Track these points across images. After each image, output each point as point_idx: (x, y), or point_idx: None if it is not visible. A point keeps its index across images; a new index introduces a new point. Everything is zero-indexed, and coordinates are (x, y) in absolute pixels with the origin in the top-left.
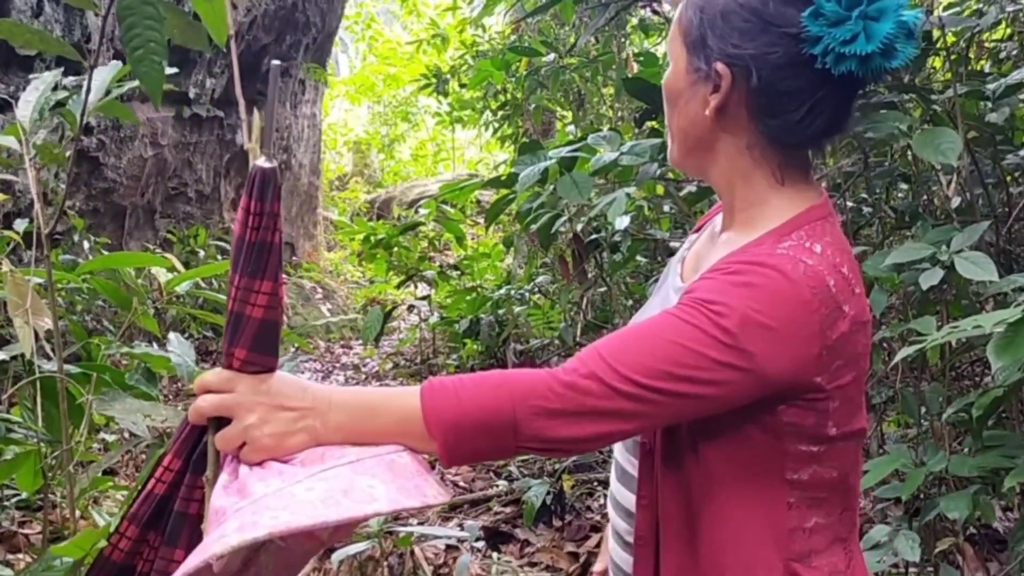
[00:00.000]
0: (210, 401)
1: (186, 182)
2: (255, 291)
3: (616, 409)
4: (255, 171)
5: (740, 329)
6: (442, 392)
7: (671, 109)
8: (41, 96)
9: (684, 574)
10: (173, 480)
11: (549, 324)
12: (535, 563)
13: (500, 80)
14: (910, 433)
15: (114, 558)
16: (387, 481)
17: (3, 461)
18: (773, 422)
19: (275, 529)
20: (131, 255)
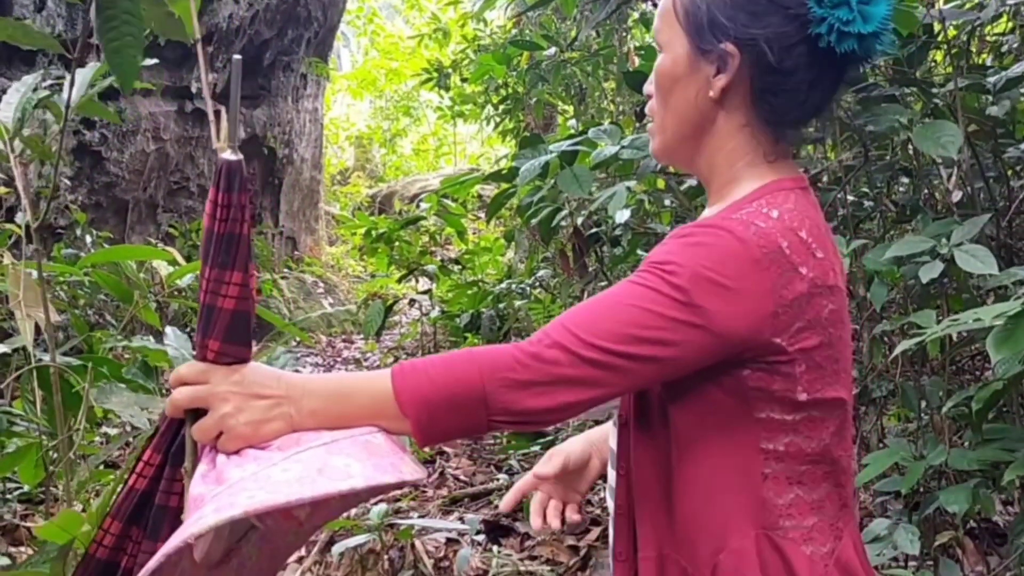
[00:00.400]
0: (185, 393)
1: (188, 176)
2: (226, 282)
3: (582, 376)
4: (221, 164)
5: (691, 285)
6: (412, 372)
7: (666, 96)
8: (22, 97)
9: (660, 542)
10: (153, 474)
11: (550, 318)
12: (535, 556)
13: (501, 74)
14: (910, 427)
15: (99, 555)
16: (362, 459)
17: (4, 454)
18: (739, 386)
19: (250, 507)
20: (132, 248)
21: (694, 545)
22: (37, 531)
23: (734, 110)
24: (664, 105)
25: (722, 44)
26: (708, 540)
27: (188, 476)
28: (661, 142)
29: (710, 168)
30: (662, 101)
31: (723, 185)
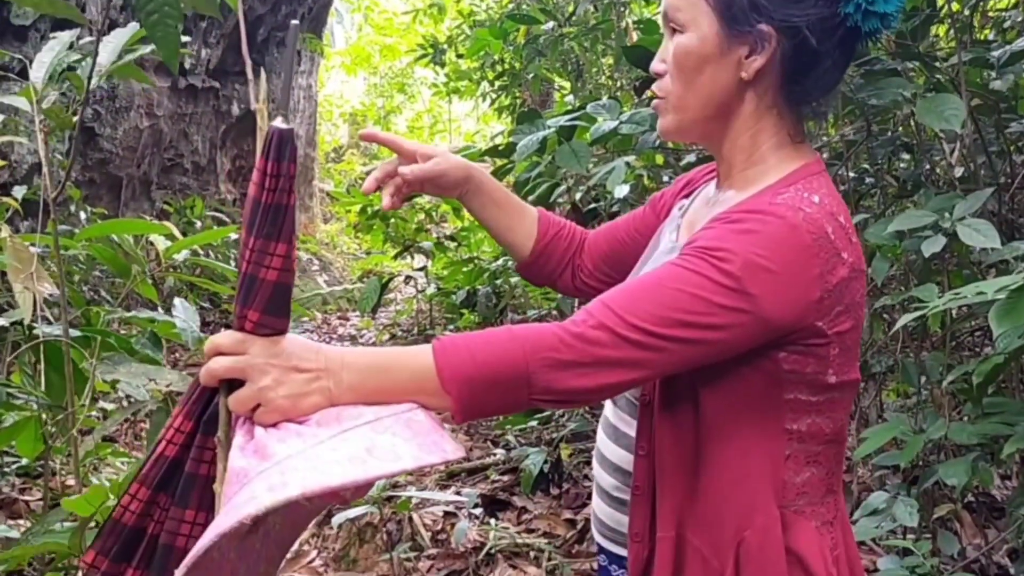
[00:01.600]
0: (223, 363)
1: (182, 153)
2: (270, 253)
3: (626, 358)
4: (272, 132)
5: (743, 272)
6: (454, 349)
7: (691, 76)
8: (56, 57)
9: (680, 523)
10: (184, 442)
11: (546, 295)
12: (532, 530)
13: (498, 49)
14: (908, 402)
15: (124, 520)
16: (408, 439)
17: (2, 427)
18: (774, 369)
19: (307, 489)
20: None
21: (718, 525)
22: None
23: (763, 92)
24: (687, 85)
25: (759, 26)
26: (733, 520)
27: (222, 446)
28: (677, 121)
29: (733, 149)
30: (685, 81)
31: (748, 167)
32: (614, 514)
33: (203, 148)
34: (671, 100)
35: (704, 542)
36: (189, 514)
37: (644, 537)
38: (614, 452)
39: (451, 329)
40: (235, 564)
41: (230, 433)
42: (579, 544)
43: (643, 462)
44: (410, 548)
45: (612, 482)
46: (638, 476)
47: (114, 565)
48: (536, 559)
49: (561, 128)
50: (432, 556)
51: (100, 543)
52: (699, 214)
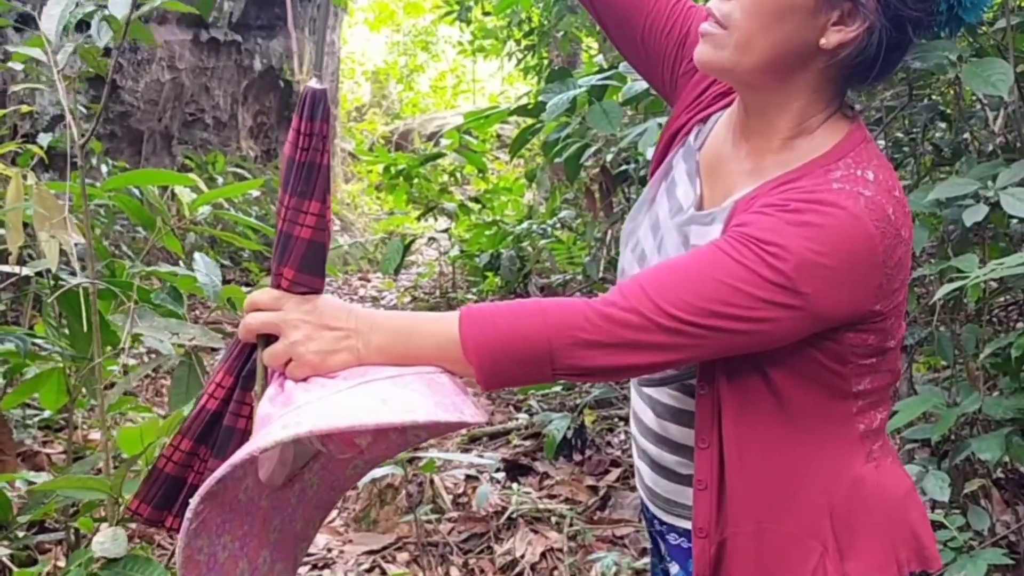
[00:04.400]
0: (259, 318)
1: (203, 108)
2: (303, 211)
3: (655, 342)
4: (306, 91)
5: (796, 272)
6: (480, 318)
7: (772, 20)
8: (65, 9)
9: (759, 514)
10: (224, 396)
11: (572, 259)
12: (554, 495)
13: (527, 5)
14: (940, 376)
15: (167, 470)
16: (425, 396)
17: (24, 379)
18: (837, 347)
19: (315, 428)
20: (157, 172)
21: (806, 503)
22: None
23: (830, 63)
24: (763, 28)
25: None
26: (820, 494)
27: (258, 399)
28: (733, 62)
29: (781, 112)
30: (762, 22)
31: (795, 135)
32: (685, 490)
33: (224, 103)
34: (735, 36)
35: (796, 525)
36: None
37: (711, 532)
38: (678, 432)
39: (474, 292)
40: (268, 514)
41: (265, 387)
42: (601, 511)
43: (706, 455)
44: (431, 511)
45: (675, 459)
46: (701, 470)
47: (155, 512)
48: (558, 525)
49: (592, 87)
50: (453, 519)
51: (144, 491)
52: (722, 164)
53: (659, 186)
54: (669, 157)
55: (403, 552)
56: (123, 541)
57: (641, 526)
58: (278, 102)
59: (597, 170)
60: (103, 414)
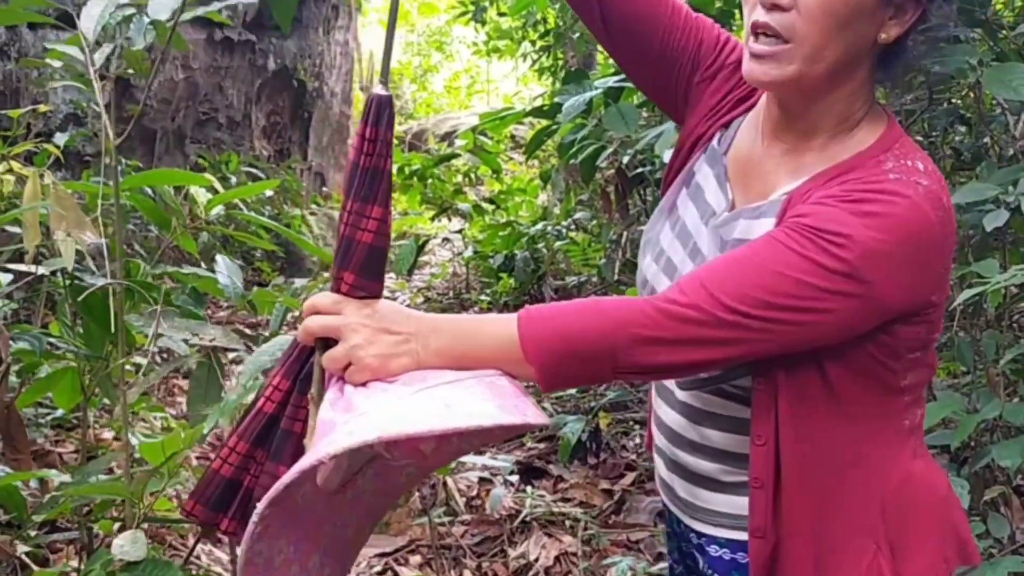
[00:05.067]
0: (319, 322)
1: (217, 107)
2: (366, 216)
3: (717, 337)
4: (372, 98)
5: (861, 260)
6: (539, 319)
7: (841, 25)
8: (104, 9)
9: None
10: (281, 399)
11: (587, 261)
12: (568, 499)
13: (543, 6)
14: (959, 382)
15: (223, 472)
16: (488, 399)
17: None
18: (892, 341)
19: (383, 435)
20: (173, 172)
21: (862, 499)
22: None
23: (876, 59)
24: (832, 35)
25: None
26: (873, 488)
27: (314, 403)
28: (800, 74)
29: (827, 113)
30: (830, 30)
31: (837, 131)
32: (729, 499)
33: (238, 102)
34: (802, 48)
35: (851, 521)
36: (282, 470)
37: (767, 531)
38: (719, 437)
39: (487, 294)
40: (322, 518)
41: (323, 391)
42: (616, 515)
43: (762, 452)
44: (444, 513)
45: (718, 468)
46: (757, 467)
47: (211, 514)
48: (572, 528)
49: (608, 89)
50: (466, 522)
51: (199, 492)
52: (754, 166)
53: (679, 193)
54: (690, 164)
55: (416, 555)
56: (143, 544)
57: (657, 531)
58: (291, 102)
59: (613, 172)
60: (124, 414)
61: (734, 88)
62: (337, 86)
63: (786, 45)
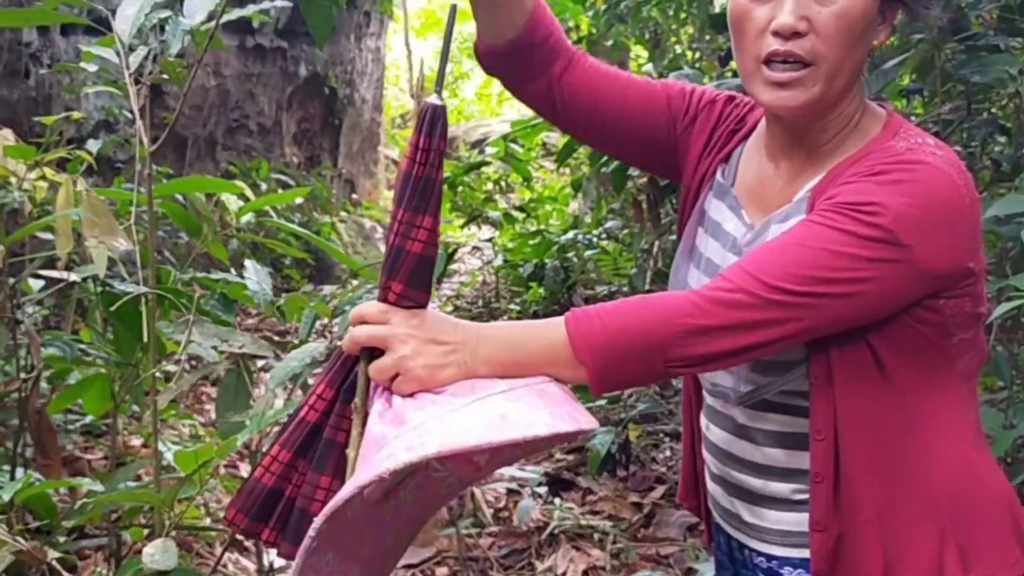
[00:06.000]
0: (366, 332)
1: (247, 114)
2: (416, 226)
3: (766, 319)
4: (426, 107)
5: (896, 224)
6: (586, 318)
7: (856, 40)
8: (139, 12)
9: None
10: (324, 409)
11: (618, 271)
12: (597, 512)
13: (576, 14)
14: (996, 397)
15: (264, 480)
16: (540, 408)
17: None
18: (939, 318)
19: (443, 448)
20: (205, 180)
21: (924, 489)
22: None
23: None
24: (849, 51)
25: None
26: (936, 475)
27: (357, 412)
28: (822, 93)
29: (837, 119)
30: (848, 46)
31: (843, 134)
32: (792, 516)
33: (269, 109)
34: (824, 68)
35: (916, 511)
36: (324, 480)
37: (828, 525)
38: (786, 456)
39: (517, 302)
40: (363, 529)
41: (368, 401)
42: (645, 528)
43: (822, 447)
44: (471, 524)
45: (788, 487)
46: (817, 462)
47: (252, 523)
48: (600, 542)
49: None
50: (494, 533)
51: (240, 501)
52: (766, 188)
53: (695, 234)
54: (700, 204)
55: (443, 567)
56: (173, 553)
57: (687, 545)
58: (322, 109)
59: (644, 181)
60: (155, 420)
61: (717, 124)
62: (368, 93)
63: (808, 69)
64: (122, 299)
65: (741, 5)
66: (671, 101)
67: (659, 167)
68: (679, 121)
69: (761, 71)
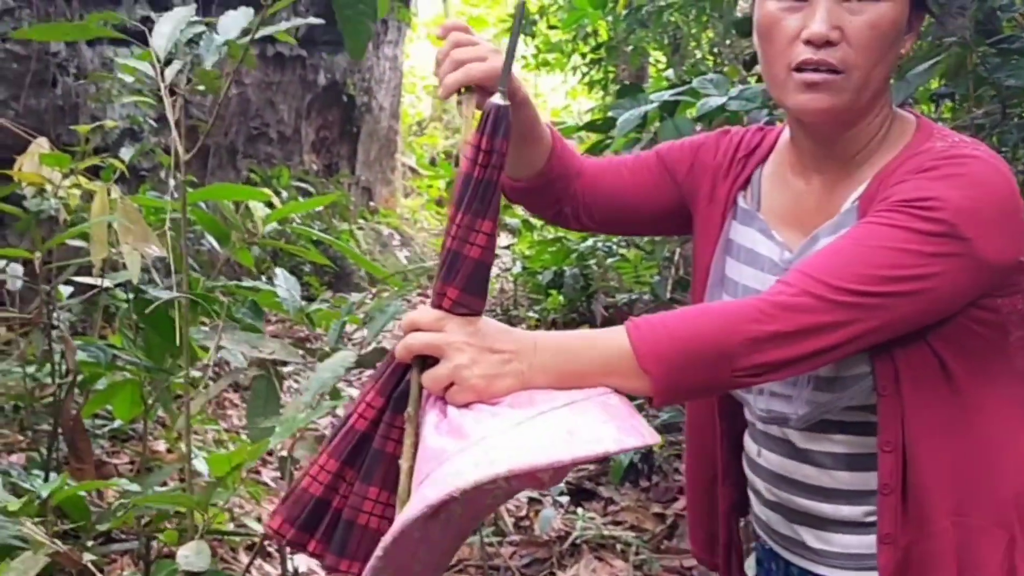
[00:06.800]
0: (421, 339)
1: (268, 123)
2: (475, 230)
3: (833, 321)
4: (489, 107)
5: (955, 217)
6: (649, 327)
7: (886, 49)
8: (175, 29)
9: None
10: (374, 417)
11: (638, 279)
12: (619, 522)
13: (596, 19)
14: None
15: (312, 490)
16: (606, 422)
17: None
18: (996, 318)
19: (514, 466)
20: (233, 187)
21: (993, 494)
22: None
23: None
24: (879, 59)
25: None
26: (1006, 480)
27: (410, 421)
28: (852, 101)
29: (866, 128)
30: (878, 54)
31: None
32: (865, 539)
33: (288, 118)
34: (855, 76)
35: (986, 516)
36: (372, 491)
37: (897, 537)
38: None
39: (535, 310)
40: (417, 544)
41: (420, 411)
42: (668, 540)
43: (890, 458)
44: (493, 533)
45: (861, 510)
46: (886, 473)
47: (299, 534)
48: (623, 553)
49: (664, 103)
50: (515, 543)
51: (286, 510)
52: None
53: (724, 263)
54: (723, 234)
55: (464, 575)
56: (207, 555)
57: None
58: (341, 116)
59: None
60: (187, 425)
61: (726, 151)
62: (385, 101)
63: (838, 76)
64: (154, 304)
65: (771, 13)
66: (665, 161)
67: (677, 226)
68: (678, 173)
69: (792, 77)
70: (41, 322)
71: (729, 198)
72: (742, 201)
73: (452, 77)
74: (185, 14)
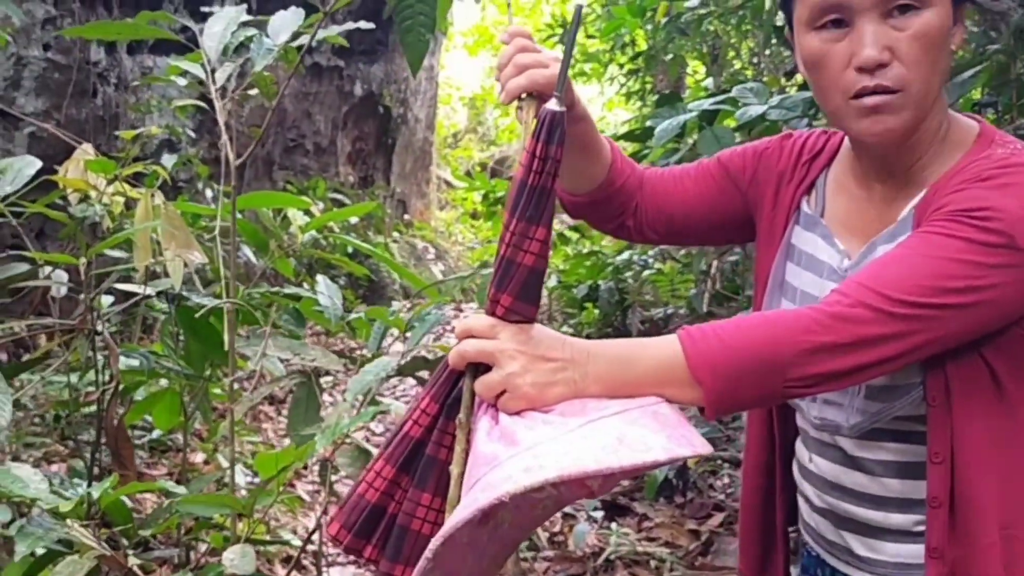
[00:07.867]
0: (473, 346)
1: (304, 134)
2: (529, 237)
3: (890, 333)
4: (544, 113)
5: (1013, 228)
6: (702, 336)
7: (937, 58)
8: (225, 30)
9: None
10: (428, 424)
11: (675, 292)
12: (653, 538)
13: (635, 27)
14: None
15: (368, 496)
16: (656, 431)
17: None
18: None
19: (564, 472)
20: (274, 195)
21: None
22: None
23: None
24: (932, 70)
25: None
26: None
27: (461, 428)
28: (915, 118)
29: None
30: (931, 65)
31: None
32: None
33: (325, 129)
34: (913, 91)
35: None
36: (426, 498)
37: (945, 551)
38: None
39: (571, 324)
40: (465, 550)
41: (472, 418)
42: (703, 556)
43: (940, 470)
44: (527, 548)
45: (911, 519)
46: (935, 486)
47: (356, 540)
48: (657, 569)
49: (703, 112)
50: (549, 558)
51: (344, 517)
52: (862, 213)
53: (784, 268)
54: (786, 238)
55: None
56: (252, 559)
57: None
58: (376, 128)
59: None
60: (231, 428)
61: (790, 155)
62: (421, 112)
63: (895, 94)
64: (203, 310)
65: (816, 47)
66: (728, 168)
67: (743, 234)
68: (742, 180)
69: (850, 104)
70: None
71: (793, 202)
72: (806, 206)
73: (515, 82)
74: (236, 14)
